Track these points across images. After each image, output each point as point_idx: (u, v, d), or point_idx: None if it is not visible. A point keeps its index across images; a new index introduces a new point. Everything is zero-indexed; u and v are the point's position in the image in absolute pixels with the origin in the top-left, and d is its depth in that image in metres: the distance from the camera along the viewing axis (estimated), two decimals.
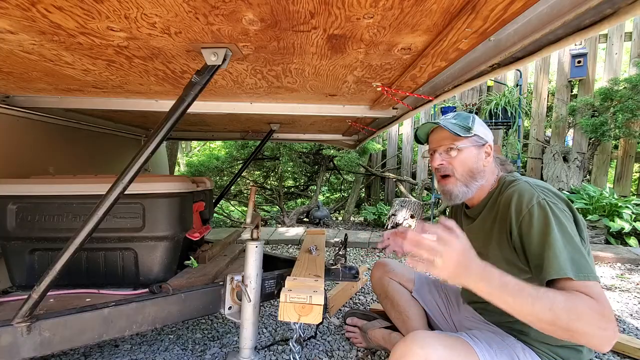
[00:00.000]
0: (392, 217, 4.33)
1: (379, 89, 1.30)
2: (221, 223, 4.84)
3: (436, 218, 4.38)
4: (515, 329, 1.07)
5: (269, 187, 5.76)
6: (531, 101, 4.70)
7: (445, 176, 1.17)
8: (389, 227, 4.25)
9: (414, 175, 5.34)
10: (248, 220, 1.23)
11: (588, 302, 0.80)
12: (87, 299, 1.24)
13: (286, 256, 1.82)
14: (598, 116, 4.16)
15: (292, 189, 6.14)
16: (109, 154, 2.40)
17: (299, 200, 6.28)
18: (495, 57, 0.84)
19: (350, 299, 2.19)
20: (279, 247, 3.61)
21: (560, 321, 0.78)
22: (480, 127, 1.16)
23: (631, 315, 2.03)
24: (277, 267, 1.56)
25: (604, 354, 1.57)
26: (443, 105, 4.26)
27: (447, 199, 1.18)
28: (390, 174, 5.41)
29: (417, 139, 1.29)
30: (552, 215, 0.94)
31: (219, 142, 7.14)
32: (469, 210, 1.25)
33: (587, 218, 3.63)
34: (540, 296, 0.80)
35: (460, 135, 1.11)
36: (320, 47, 0.91)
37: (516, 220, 1.00)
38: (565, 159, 4.27)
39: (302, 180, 6.12)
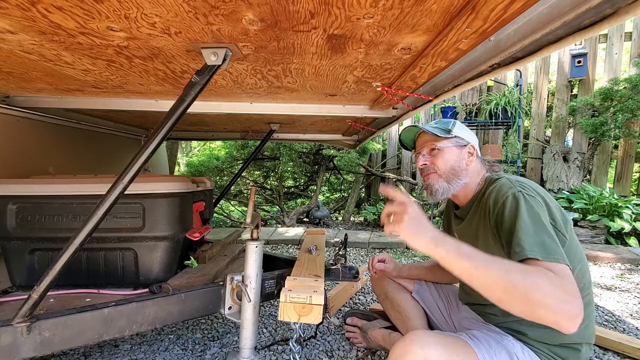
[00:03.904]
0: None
1: (379, 89, 1.30)
2: (221, 223, 4.84)
3: (436, 218, 4.37)
4: (514, 329, 1.07)
5: (269, 187, 5.75)
6: (531, 101, 4.70)
7: (428, 174, 1.25)
8: None
9: (414, 175, 5.34)
10: (248, 220, 1.23)
11: (549, 275, 0.78)
12: (87, 299, 1.24)
13: (286, 256, 1.82)
14: (598, 116, 4.16)
15: (292, 189, 6.13)
16: (109, 154, 2.39)
17: (299, 200, 6.27)
18: (495, 57, 0.84)
19: (350, 299, 2.19)
20: (279, 247, 3.61)
21: (517, 288, 0.75)
22: (461, 130, 1.24)
23: (631, 315, 2.03)
24: (277, 267, 1.56)
25: (604, 354, 1.57)
26: (443, 105, 4.26)
27: (428, 194, 1.25)
28: (390, 174, 5.40)
29: (404, 146, 1.38)
30: (524, 202, 0.96)
31: (219, 142, 7.13)
32: (458, 211, 1.28)
33: (587, 218, 3.63)
34: (496, 261, 0.79)
35: (439, 136, 1.20)
36: (320, 47, 0.92)
37: (492, 211, 1.04)
38: (565, 159, 4.27)
39: (302, 180, 6.11)
